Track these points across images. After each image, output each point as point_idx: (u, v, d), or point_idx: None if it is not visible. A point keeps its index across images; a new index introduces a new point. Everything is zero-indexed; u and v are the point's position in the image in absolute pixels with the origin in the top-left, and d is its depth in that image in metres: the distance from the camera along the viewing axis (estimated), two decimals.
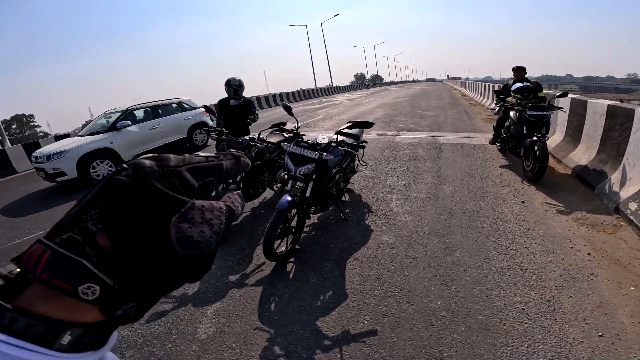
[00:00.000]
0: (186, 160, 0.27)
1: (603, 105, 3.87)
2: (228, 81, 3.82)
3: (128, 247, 0.23)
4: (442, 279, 2.30)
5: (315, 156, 2.49)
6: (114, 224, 0.23)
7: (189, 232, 0.24)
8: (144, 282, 0.24)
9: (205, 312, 2.17)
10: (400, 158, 5.25)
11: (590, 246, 2.66)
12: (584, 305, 2.02)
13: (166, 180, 0.25)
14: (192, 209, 0.25)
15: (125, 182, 0.24)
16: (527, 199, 3.53)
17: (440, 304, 2.08)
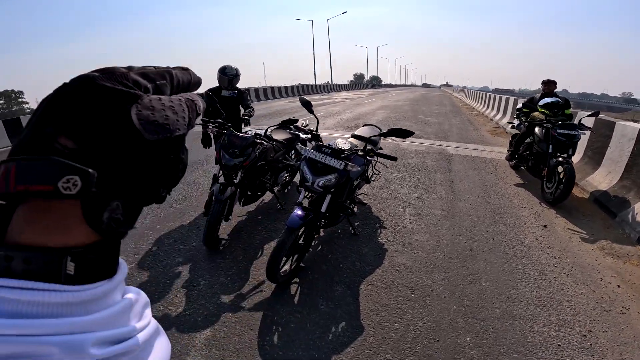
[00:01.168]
0: (133, 68, 0.28)
1: (634, 129, 3.89)
2: (223, 68, 3.55)
3: (92, 143, 0.24)
4: (469, 310, 2.19)
5: (340, 166, 2.27)
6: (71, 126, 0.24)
7: (152, 117, 0.25)
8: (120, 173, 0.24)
9: (193, 341, 1.93)
10: (409, 167, 5.16)
11: (619, 278, 2.66)
12: (620, 339, 2.03)
13: (115, 81, 0.25)
14: (149, 99, 0.26)
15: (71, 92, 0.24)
16: (549, 224, 3.50)
17: (469, 340, 1.96)
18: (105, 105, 0.24)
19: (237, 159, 2.75)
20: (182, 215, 3.56)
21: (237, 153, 2.75)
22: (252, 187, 3.18)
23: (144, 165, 0.26)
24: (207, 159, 5.69)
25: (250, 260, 2.73)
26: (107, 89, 0.25)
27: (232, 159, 2.74)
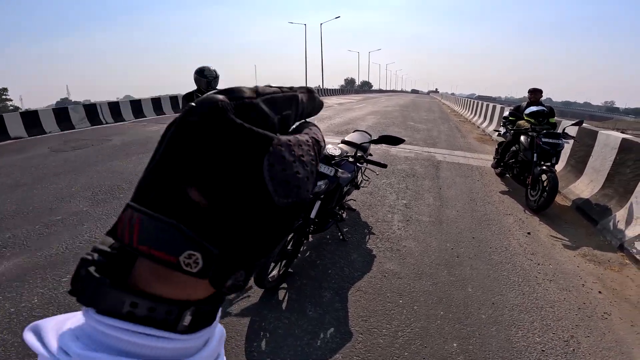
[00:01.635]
0: (260, 91, 0.24)
1: (617, 138, 4.02)
2: (201, 70, 3.31)
3: (224, 201, 0.21)
4: (456, 316, 2.22)
5: (331, 172, 2.29)
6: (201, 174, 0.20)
7: (285, 176, 0.22)
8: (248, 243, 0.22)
9: None
10: (398, 173, 5.22)
11: (601, 284, 2.73)
12: (602, 344, 2.09)
13: (244, 114, 0.22)
14: (280, 146, 0.22)
15: (199, 123, 0.21)
16: (533, 231, 3.58)
17: (456, 345, 1.98)
18: (237, 152, 0.21)
19: None
20: None
21: None
22: None
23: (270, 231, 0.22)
24: None
25: None
26: (238, 128, 0.21)
27: None
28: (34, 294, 2.34)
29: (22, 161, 5.97)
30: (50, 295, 2.33)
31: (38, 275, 2.56)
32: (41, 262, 2.72)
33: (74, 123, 9.61)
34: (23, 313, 2.15)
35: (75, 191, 4.33)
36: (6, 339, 1.93)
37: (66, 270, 2.62)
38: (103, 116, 10.42)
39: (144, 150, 6.61)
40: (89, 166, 5.50)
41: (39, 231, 3.27)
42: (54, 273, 2.59)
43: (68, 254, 2.85)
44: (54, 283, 2.47)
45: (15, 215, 3.63)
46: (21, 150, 6.97)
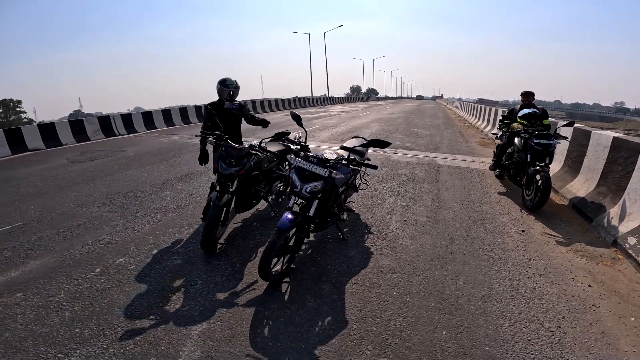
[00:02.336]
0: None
1: (608, 137, 4.11)
2: (224, 81, 3.55)
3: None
4: (447, 307, 2.36)
5: (325, 174, 2.49)
6: None
7: None
8: None
9: (189, 333, 2.10)
10: (399, 177, 5.37)
11: (591, 278, 2.81)
12: (588, 335, 2.16)
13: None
14: None
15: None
16: (527, 229, 3.69)
17: (445, 334, 2.12)
18: None
19: (233, 168, 2.95)
20: (180, 222, 3.74)
21: (233, 163, 2.95)
22: (247, 195, 3.36)
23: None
24: (205, 170, 5.89)
25: (245, 262, 2.90)
26: None
27: (228, 168, 2.94)
28: (61, 289, 2.57)
29: (42, 172, 6.31)
30: (75, 290, 2.56)
31: (64, 273, 2.80)
32: (66, 262, 2.97)
33: (89, 135, 10.03)
34: (51, 306, 2.37)
35: (94, 198, 4.61)
36: (35, 329, 2.15)
37: (90, 268, 2.86)
38: (116, 128, 10.85)
39: (156, 160, 6.91)
40: (106, 175, 5.80)
41: (63, 234, 3.52)
42: (79, 271, 2.82)
43: (91, 254, 3.09)
44: (79, 279, 2.70)
45: (40, 220, 3.91)
46: (41, 161, 7.34)
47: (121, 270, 2.82)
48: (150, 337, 2.07)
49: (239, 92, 3.66)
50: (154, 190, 4.91)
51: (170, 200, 4.45)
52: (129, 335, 2.08)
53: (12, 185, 5.50)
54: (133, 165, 6.51)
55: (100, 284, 2.63)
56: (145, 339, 2.06)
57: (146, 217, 3.91)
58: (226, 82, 3.55)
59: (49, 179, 5.80)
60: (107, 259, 3.00)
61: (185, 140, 9.47)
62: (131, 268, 2.84)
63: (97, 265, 2.90)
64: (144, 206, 4.28)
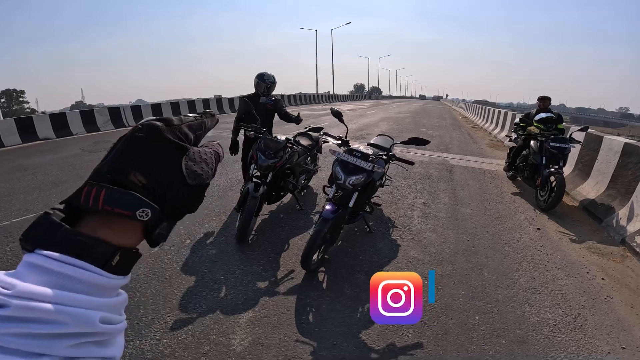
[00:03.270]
0: (183, 120, 0.37)
1: (620, 143, 4.35)
2: (262, 75, 3.67)
3: (155, 181, 0.33)
4: (476, 295, 2.56)
5: (369, 167, 2.69)
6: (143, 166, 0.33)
7: (194, 168, 0.35)
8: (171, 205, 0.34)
9: (237, 322, 2.20)
10: (415, 176, 5.58)
11: (603, 272, 3.04)
12: (606, 322, 2.39)
13: (172, 133, 0.35)
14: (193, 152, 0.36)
15: (144, 137, 0.34)
16: (542, 227, 3.91)
17: (478, 318, 2.33)
18: (167, 154, 0.34)
19: (272, 160, 3.14)
20: (208, 213, 3.91)
21: (272, 154, 3.14)
22: (277, 187, 3.55)
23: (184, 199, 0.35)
24: (221, 163, 6.04)
25: (278, 252, 3.08)
26: (170, 141, 0.34)
27: (267, 159, 3.13)
28: None
29: (57, 160, 6.44)
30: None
31: None
32: None
33: (99, 125, 10.15)
34: None
35: None
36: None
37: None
38: (126, 119, 10.97)
39: None
40: None
41: None
42: None
43: None
44: None
45: None
46: (53, 150, 7.45)
47: (158, 259, 2.89)
48: (200, 326, 2.15)
49: (275, 87, 3.80)
50: None
51: None
52: (179, 325, 2.14)
53: (29, 173, 5.62)
54: None
55: (140, 274, 2.66)
56: (196, 328, 2.13)
57: None
58: (264, 76, 3.69)
59: (66, 167, 5.94)
60: (140, 248, 3.11)
61: None
62: (167, 258, 2.93)
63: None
64: None
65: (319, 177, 4.88)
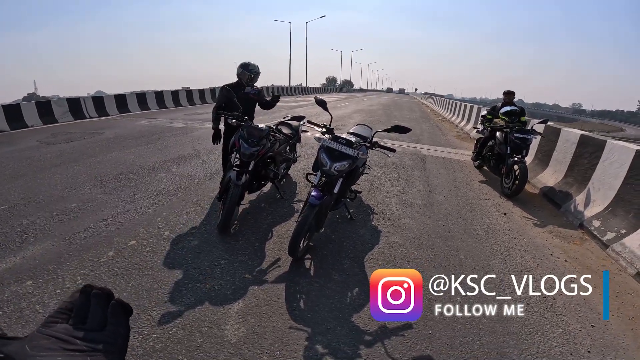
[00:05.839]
0: None
1: (576, 134, 4.66)
2: (246, 65, 3.59)
3: None
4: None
5: (354, 154, 2.69)
6: None
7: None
8: None
9: (228, 312, 2.16)
10: (390, 165, 5.68)
11: (565, 254, 3.25)
12: (573, 301, 2.53)
13: None
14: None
15: None
16: (508, 212, 4.12)
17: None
18: None
19: (255, 147, 3.05)
20: (185, 203, 3.75)
21: (255, 142, 3.05)
22: (258, 176, 3.46)
23: None
24: (196, 153, 5.84)
25: (263, 241, 3.02)
26: None
27: (250, 147, 3.04)
28: (76, 274, 2.45)
29: (14, 153, 5.91)
30: (93, 275, 2.45)
31: (74, 257, 2.65)
32: (73, 246, 2.82)
33: (57, 117, 9.39)
34: (71, 294, 2.32)
35: (82, 180, 4.43)
36: None
37: (102, 251, 2.75)
38: (87, 110, 10.23)
39: (140, 143, 6.68)
40: (88, 157, 5.56)
41: (58, 217, 3.38)
42: (90, 255, 2.70)
43: (98, 237, 2.98)
44: (94, 264, 2.58)
45: (26, 203, 3.68)
46: (8, 143, 6.81)
47: (137, 252, 2.75)
48: (189, 318, 2.08)
49: (258, 78, 3.72)
50: (146, 172, 4.81)
51: (167, 183, 4.41)
52: (168, 319, 2.06)
53: None
54: (115, 148, 6.27)
55: (119, 268, 2.53)
56: (186, 320, 2.06)
57: (147, 199, 3.86)
58: (249, 66, 3.60)
59: (24, 160, 5.46)
60: (117, 242, 2.90)
61: (166, 124, 9.16)
62: (147, 250, 2.79)
63: (109, 249, 2.78)
64: (140, 188, 4.20)
65: (297, 166, 4.83)
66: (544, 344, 2.09)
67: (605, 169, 3.92)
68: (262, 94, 3.75)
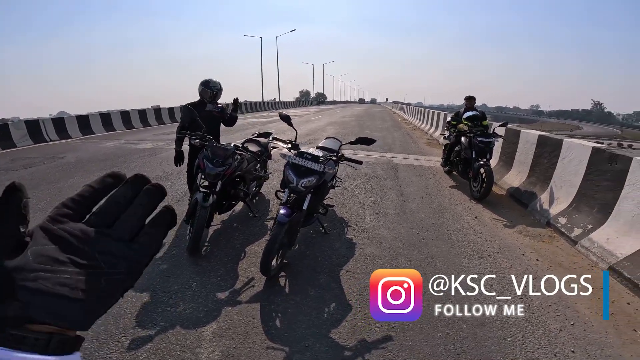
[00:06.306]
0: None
1: (535, 135, 4.89)
2: (207, 82, 3.50)
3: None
4: None
5: (320, 169, 2.67)
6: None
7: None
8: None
9: (201, 335, 2.08)
10: (363, 176, 5.72)
11: (537, 253, 3.32)
12: (550, 301, 2.54)
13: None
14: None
15: None
16: (479, 215, 4.22)
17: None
18: None
19: (220, 167, 2.96)
20: None
21: (220, 162, 2.96)
22: (227, 196, 3.37)
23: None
24: (165, 175, 5.64)
25: (235, 261, 2.92)
26: None
27: (215, 167, 2.95)
28: None
29: None
30: None
31: None
32: None
33: (15, 141, 8.86)
34: None
35: (42, 208, 4.17)
36: None
37: None
38: (47, 133, 9.72)
39: (104, 166, 6.39)
40: (49, 184, 5.25)
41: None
42: None
43: None
44: None
45: None
46: None
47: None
48: (160, 343, 2.00)
49: (221, 94, 3.63)
50: None
51: None
52: (138, 345, 1.98)
53: None
54: (78, 173, 5.96)
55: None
56: (157, 345, 1.98)
57: None
58: (210, 83, 3.50)
59: None
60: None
61: (133, 145, 8.83)
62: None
63: None
64: None
65: (269, 183, 4.76)
66: (526, 347, 2.09)
67: (565, 167, 4.12)
68: (225, 111, 3.65)
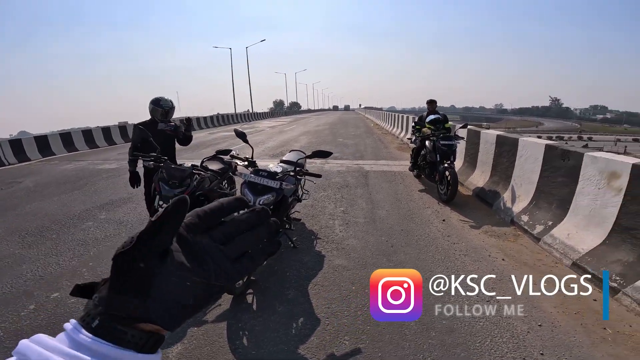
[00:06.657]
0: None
1: (493, 135, 5.09)
2: (157, 100, 3.36)
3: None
4: None
5: (277, 185, 2.64)
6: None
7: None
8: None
9: (167, 357, 2.01)
10: (334, 186, 5.74)
11: (502, 253, 3.38)
12: (516, 300, 2.54)
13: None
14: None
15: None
16: (447, 218, 4.32)
17: None
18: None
19: (177, 189, 2.87)
20: (114, 252, 3.41)
21: (177, 184, 2.88)
22: None
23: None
24: (130, 197, 5.42)
25: None
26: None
27: (172, 189, 2.86)
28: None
29: None
30: (15, 328, 2.32)
31: None
32: None
33: None
34: None
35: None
36: None
37: (22, 305, 2.58)
38: (4, 156, 9.15)
39: (65, 189, 6.08)
40: (5, 210, 4.95)
41: None
42: (10, 309, 2.53)
43: (17, 292, 2.77)
44: (14, 317, 2.43)
45: None
46: None
47: (60, 304, 2.56)
48: None
49: (174, 112, 3.51)
50: (71, 222, 4.35)
51: (95, 231, 4.02)
52: None
53: None
54: (36, 197, 5.63)
55: (41, 320, 2.40)
56: None
57: (71, 251, 3.50)
58: (160, 102, 3.38)
59: None
60: (38, 295, 2.70)
61: (96, 166, 8.46)
62: (72, 301, 2.56)
63: (30, 302, 2.61)
64: (64, 239, 3.80)
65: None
66: (495, 352, 2.07)
67: (523, 165, 4.30)
68: (179, 129, 3.47)
